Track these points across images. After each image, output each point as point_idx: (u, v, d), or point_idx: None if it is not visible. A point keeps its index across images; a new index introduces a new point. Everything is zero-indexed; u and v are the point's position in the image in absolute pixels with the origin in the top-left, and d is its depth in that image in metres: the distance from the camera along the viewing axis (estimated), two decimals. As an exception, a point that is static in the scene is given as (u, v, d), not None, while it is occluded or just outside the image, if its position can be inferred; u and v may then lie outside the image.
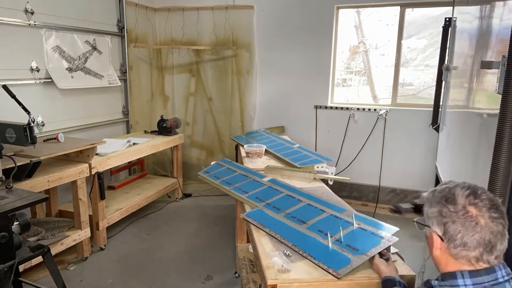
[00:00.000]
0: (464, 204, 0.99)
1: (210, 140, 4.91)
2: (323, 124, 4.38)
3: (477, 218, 0.96)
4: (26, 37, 3.12)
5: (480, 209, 0.97)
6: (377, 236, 1.58)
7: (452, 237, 0.98)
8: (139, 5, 4.44)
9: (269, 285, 1.37)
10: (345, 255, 1.47)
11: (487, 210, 0.97)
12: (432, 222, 1.04)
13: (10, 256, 1.78)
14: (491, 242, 0.95)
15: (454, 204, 1.00)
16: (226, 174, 2.64)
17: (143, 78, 4.67)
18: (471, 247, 0.96)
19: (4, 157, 2.17)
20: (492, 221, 0.96)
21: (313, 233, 1.67)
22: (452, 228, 0.98)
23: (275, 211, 1.95)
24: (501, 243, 0.97)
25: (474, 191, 1.01)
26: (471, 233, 0.96)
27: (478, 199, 0.99)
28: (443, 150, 3.44)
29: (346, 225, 1.68)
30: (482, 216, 0.96)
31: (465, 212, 0.98)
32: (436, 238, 1.02)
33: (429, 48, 4.21)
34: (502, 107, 1.30)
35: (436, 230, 1.02)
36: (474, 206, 0.98)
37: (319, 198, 2.06)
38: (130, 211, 3.58)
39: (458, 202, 1.00)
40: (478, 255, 0.96)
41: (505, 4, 1.69)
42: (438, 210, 1.02)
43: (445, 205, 1.01)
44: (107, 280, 2.78)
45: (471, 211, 0.98)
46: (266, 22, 4.41)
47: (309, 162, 2.87)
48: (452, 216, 0.99)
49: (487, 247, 0.95)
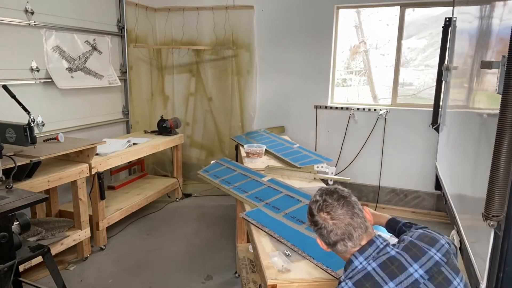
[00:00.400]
0: (316, 213, 1.20)
1: (210, 140, 4.91)
2: (323, 124, 4.38)
3: (326, 221, 1.17)
4: (26, 37, 3.12)
5: (328, 213, 1.17)
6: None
7: (326, 240, 1.19)
8: (139, 5, 4.44)
9: (269, 285, 1.37)
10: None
11: (334, 211, 1.17)
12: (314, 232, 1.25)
13: (10, 256, 1.78)
14: (345, 233, 1.15)
15: (311, 215, 1.22)
16: (226, 173, 2.64)
17: (143, 78, 4.67)
18: (337, 243, 1.17)
19: (4, 157, 2.17)
20: (338, 219, 1.16)
21: (312, 233, 1.66)
22: (318, 233, 1.21)
23: (274, 211, 1.95)
24: (355, 230, 1.15)
25: (323, 197, 1.21)
26: (327, 233, 1.17)
27: (324, 206, 1.19)
28: (443, 150, 3.44)
29: None
30: (330, 218, 1.17)
31: (320, 221, 1.18)
32: (320, 242, 1.23)
33: (429, 48, 4.21)
34: (502, 107, 1.30)
35: (317, 237, 1.24)
36: (324, 213, 1.18)
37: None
38: (130, 211, 3.58)
39: (313, 213, 1.21)
40: (344, 244, 1.16)
41: (505, 4, 1.69)
42: (310, 223, 1.25)
43: (309, 217, 1.25)
44: (107, 280, 2.78)
45: (322, 218, 1.18)
46: (266, 22, 4.41)
47: (309, 162, 2.88)
48: (313, 225, 1.22)
49: (345, 238, 1.15)
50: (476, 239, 1.79)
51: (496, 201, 1.36)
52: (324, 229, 1.17)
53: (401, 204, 4.13)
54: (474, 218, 1.77)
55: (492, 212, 1.38)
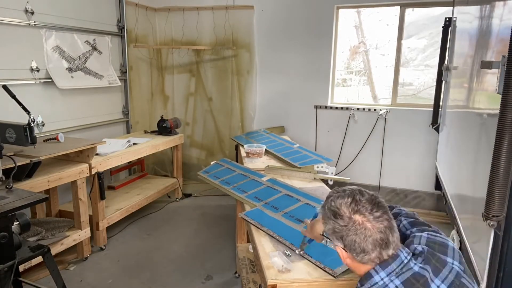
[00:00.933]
0: (349, 215, 1.05)
1: (210, 140, 4.91)
2: (323, 124, 4.38)
3: (363, 224, 1.03)
4: (26, 37, 3.12)
5: (363, 214, 1.04)
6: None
7: (351, 247, 1.05)
8: (139, 5, 4.44)
9: (269, 285, 1.37)
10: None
11: (369, 213, 1.04)
12: (333, 237, 1.11)
13: (10, 256, 1.78)
14: (384, 239, 1.02)
15: (342, 217, 1.06)
16: (226, 173, 2.64)
17: (143, 78, 4.66)
18: (369, 251, 1.03)
19: (4, 157, 2.17)
20: (377, 221, 1.03)
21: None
22: (348, 240, 1.05)
23: (273, 210, 1.95)
24: (392, 234, 1.04)
25: (354, 198, 1.07)
26: (364, 239, 1.03)
27: (359, 205, 1.06)
28: (443, 150, 3.44)
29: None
30: (367, 221, 1.03)
31: (352, 223, 1.04)
32: (341, 251, 1.09)
33: (429, 48, 4.21)
34: (502, 107, 1.30)
35: (338, 244, 1.10)
36: (358, 213, 1.05)
37: (317, 197, 2.06)
38: (130, 211, 3.58)
39: (344, 215, 1.06)
40: (378, 255, 1.03)
41: (505, 4, 1.69)
42: (332, 226, 1.09)
43: (335, 221, 1.08)
44: (107, 280, 2.78)
45: (357, 219, 1.04)
46: (266, 22, 4.41)
47: (309, 162, 2.88)
48: (344, 229, 1.06)
49: (382, 245, 1.03)
50: (476, 239, 1.79)
51: (496, 201, 1.36)
52: (358, 235, 1.03)
53: (401, 204, 4.12)
54: (474, 218, 1.77)
55: (492, 212, 1.38)
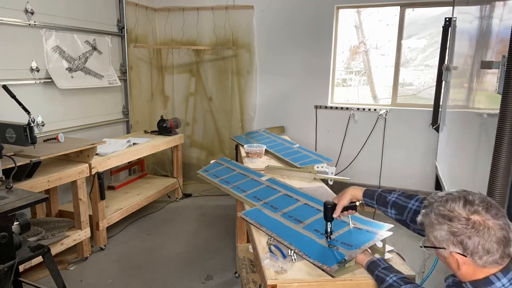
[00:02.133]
0: (466, 216, 1.00)
1: (210, 140, 4.91)
2: (323, 124, 4.38)
3: (485, 223, 0.98)
4: (26, 37, 3.12)
5: (481, 213, 0.99)
6: (371, 232, 1.58)
7: (474, 250, 0.99)
8: (139, 5, 4.44)
9: (269, 285, 1.37)
10: (339, 251, 1.47)
11: (486, 211, 0.99)
12: (447, 244, 1.04)
13: (10, 256, 1.78)
14: (506, 236, 0.98)
15: (459, 220, 1.01)
16: (225, 173, 2.64)
17: (143, 78, 4.67)
18: (494, 251, 0.98)
19: (4, 157, 2.17)
20: (497, 218, 0.99)
21: (309, 233, 1.67)
22: (470, 242, 0.99)
23: (272, 210, 1.95)
24: (511, 230, 1.00)
25: (466, 199, 1.03)
26: (488, 238, 0.97)
27: (474, 205, 1.01)
28: (443, 150, 3.44)
29: (342, 225, 1.69)
30: (487, 219, 0.98)
31: (472, 224, 0.99)
32: (459, 257, 1.02)
33: (429, 48, 4.21)
34: (502, 107, 1.30)
35: (455, 250, 1.02)
36: (476, 213, 1.00)
37: (317, 197, 2.06)
38: (130, 211, 3.58)
39: (461, 217, 1.01)
40: (502, 254, 0.98)
41: (505, 4, 1.69)
42: (448, 231, 1.02)
43: (451, 225, 1.02)
44: (107, 280, 2.78)
45: (476, 219, 0.99)
46: (266, 22, 4.41)
47: (309, 162, 2.87)
48: (464, 232, 1.00)
49: (506, 243, 0.98)
50: (476, 239, 1.78)
51: (496, 201, 1.36)
52: (482, 235, 0.98)
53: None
54: (474, 218, 1.77)
55: (492, 212, 1.38)
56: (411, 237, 3.30)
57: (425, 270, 2.58)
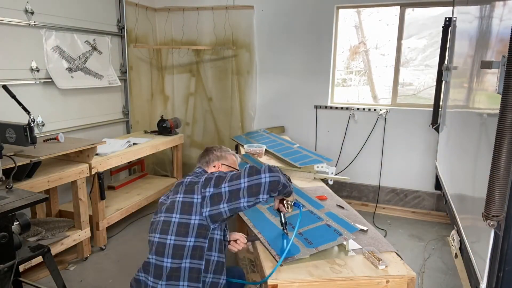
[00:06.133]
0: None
1: (210, 140, 4.91)
2: (323, 124, 4.38)
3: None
4: (26, 37, 3.12)
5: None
6: (337, 233, 1.67)
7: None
8: (139, 5, 4.44)
9: (270, 285, 1.37)
10: (298, 246, 1.58)
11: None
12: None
13: (10, 256, 1.78)
14: None
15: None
16: None
17: (143, 78, 4.67)
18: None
19: (4, 157, 2.17)
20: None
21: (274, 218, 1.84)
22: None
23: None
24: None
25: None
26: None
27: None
28: (443, 150, 3.44)
29: (316, 220, 1.78)
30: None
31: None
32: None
33: (429, 48, 4.21)
34: (502, 107, 1.30)
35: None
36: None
37: (307, 194, 2.12)
38: (130, 211, 3.58)
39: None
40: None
41: (505, 4, 1.69)
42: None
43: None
44: (107, 280, 2.78)
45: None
46: (266, 22, 4.41)
47: (309, 162, 2.88)
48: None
49: None
50: (476, 239, 1.79)
51: (496, 201, 1.36)
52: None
53: (401, 204, 4.13)
54: (474, 218, 1.78)
55: (492, 212, 1.38)
56: (411, 237, 3.31)
57: (425, 270, 2.59)
